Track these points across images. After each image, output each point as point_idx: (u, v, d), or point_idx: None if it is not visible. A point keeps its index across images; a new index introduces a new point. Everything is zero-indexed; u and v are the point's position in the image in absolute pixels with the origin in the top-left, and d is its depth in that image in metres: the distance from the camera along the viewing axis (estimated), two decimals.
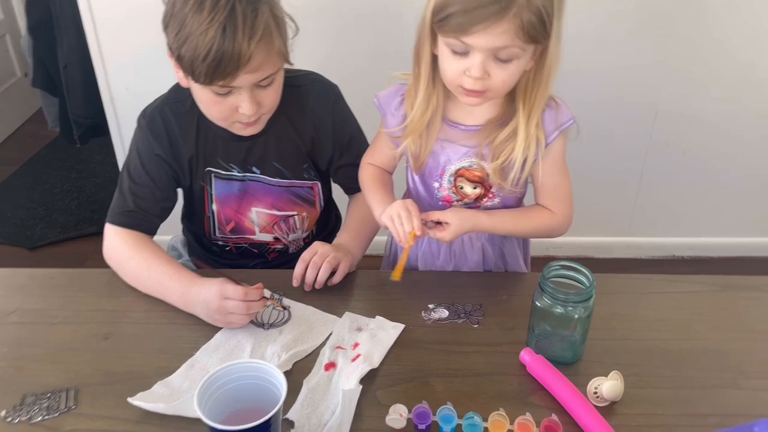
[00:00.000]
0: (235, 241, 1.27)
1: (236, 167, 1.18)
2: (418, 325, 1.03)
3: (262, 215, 1.23)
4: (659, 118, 2.07)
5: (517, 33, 0.90)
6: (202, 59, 0.95)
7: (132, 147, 1.17)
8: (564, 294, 0.90)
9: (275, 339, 1.00)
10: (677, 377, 0.94)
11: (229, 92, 1.02)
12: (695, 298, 1.09)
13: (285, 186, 1.21)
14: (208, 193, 1.21)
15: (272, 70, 1.02)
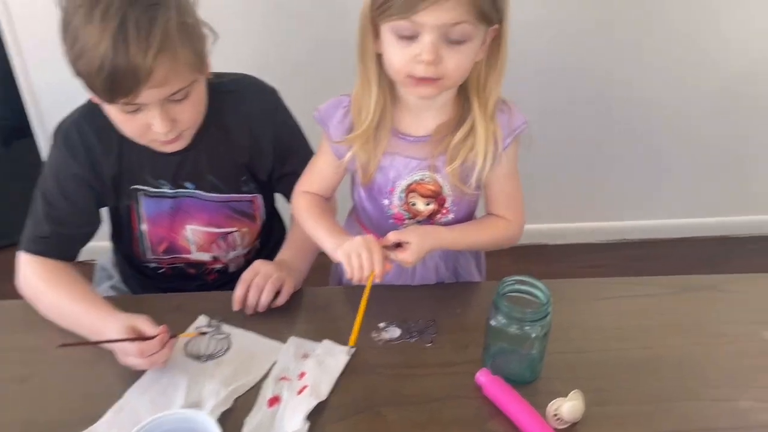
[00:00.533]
0: (170, 261, 1.18)
1: (166, 183, 1.08)
2: (368, 347, 0.97)
3: (198, 233, 1.14)
4: (609, 101, 2.04)
5: (469, 8, 0.83)
6: (96, 75, 0.85)
7: (46, 166, 1.05)
8: (520, 313, 0.85)
9: (213, 373, 0.92)
10: (639, 391, 0.90)
11: (137, 109, 0.92)
12: (653, 303, 1.05)
13: (222, 201, 1.12)
14: (136, 213, 1.11)
15: (182, 84, 0.92)
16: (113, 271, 1.27)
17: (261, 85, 1.13)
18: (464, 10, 0.83)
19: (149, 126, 0.94)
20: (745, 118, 2.12)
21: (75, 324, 0.97)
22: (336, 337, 0.97)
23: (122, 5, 0.84)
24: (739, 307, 1.04)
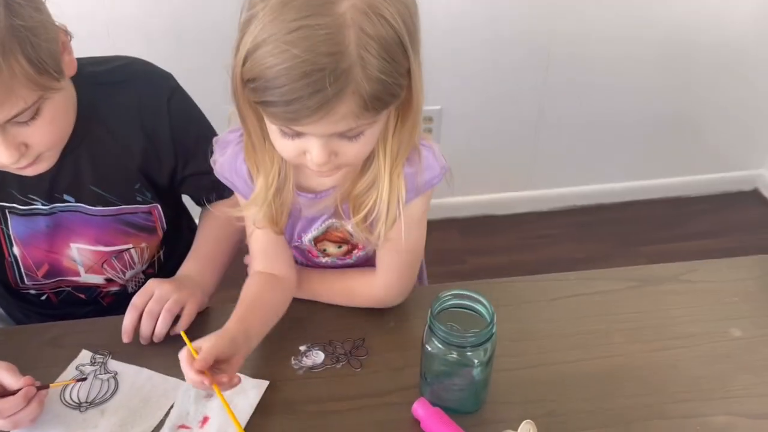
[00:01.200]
0: (53, 286, 0.99)
1: (39, 199, 0.89)
2: (286, 379, 0.82)
3: (85, 252, 0.95)
4: (552, 64, 1.93)
5: (360, 112, 0.66)
6: None
7: None
8: (458, 338, 0.71)
9: (96, 424, 0.76)
10: (598, 412, 0.78)
11: None
12: (612, 301, 0.93)
13: (112, 215, 0.93)
14: (5, 234, 0.92)
15: (23, 104, 0.72)
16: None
17: (151, 71, 0.93)
18: (356, 116, 0.66)
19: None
20: (689, 76, 2.03)
21: None
22: (247, 369, 0.81)
23: None
24: (702, 301, 0.93)
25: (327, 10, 0.62)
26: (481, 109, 1.97)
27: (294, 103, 0.63)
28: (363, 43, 0.63)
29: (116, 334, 0.85)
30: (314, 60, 0.61)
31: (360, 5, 0.63)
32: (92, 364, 0.83)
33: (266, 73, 0.63)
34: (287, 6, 0.62)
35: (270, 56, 0.62)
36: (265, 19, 0.63)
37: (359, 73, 0.63)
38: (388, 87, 0.66)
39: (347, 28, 0.62)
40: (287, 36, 0.61)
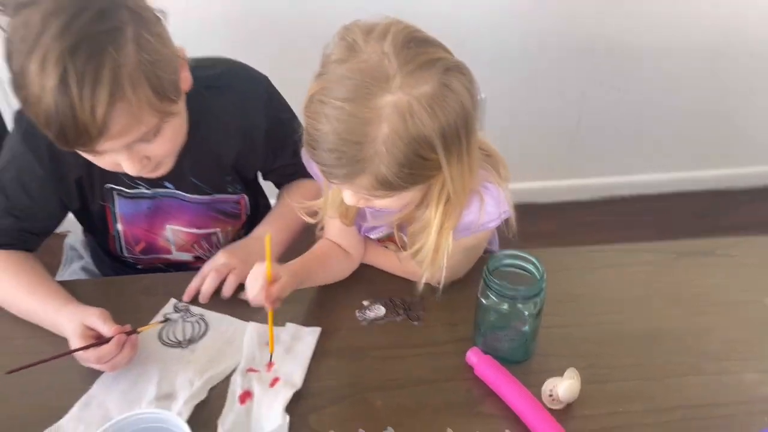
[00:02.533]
0: (148, 261, 1.09)
1: (143, 184, 0.98)
2: (351, 329, 0.91)
3: (178, 233, 1.05)
4: (596, 56, 1.97)
5: (377, 188, 0.72)
6: (45, 127, 0.75)
7: (7, 155, 0.94)
8: (511, 290, 0.79)
9: (188, 360, 0.86)
10: (637, 366, 0.86)
11: (103, 152, 0.81)
12: (652, 271, 1.00)
13: (205, 203, 1.03)
14: (112, 213, 1.01)
15: (146, 128, 0.80)
16: (84, 251, 1.19)
17: (252, 75, 1.02)
18: (372, 189, 0.73)
19: (118, 164, 0.84)
20: (735, 67, 2.05)
21: (31, 315, 0.90)
22: (319, 318, 0.91)
23: (61, 55, 0.70)
24: (739, 273, 0.99)
25: (369, 101, 0.67)
26: (523, 98, 2.02)
27: (321, 165, 0.73)
28: (390, 139, 0.68)
29: None
30: (340, 143, 0.69)
31: (400, 104, 0.67)
32: (176, 311, 0.94)
33: (309, 130, 0.72)
34: (341, 83, 0.68)
35: (314, 117, 0.70)
36: (325, 82, 0.70)
37: (377, 162, 0.69)
38: (404, 178, 0.71)
39: (380, 123, 0.67)
40: (329, 110, 0.68)
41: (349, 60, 0.69)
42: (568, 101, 2.07)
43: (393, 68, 0.68)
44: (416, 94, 0.68)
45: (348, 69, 0.68)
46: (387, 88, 0.67)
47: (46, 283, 0.92)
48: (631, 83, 2.04)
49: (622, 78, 2.02)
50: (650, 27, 1.92)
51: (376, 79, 0.67)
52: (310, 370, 0.85)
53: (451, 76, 0.70)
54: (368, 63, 0.68)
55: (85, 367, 0.84)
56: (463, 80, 0.71)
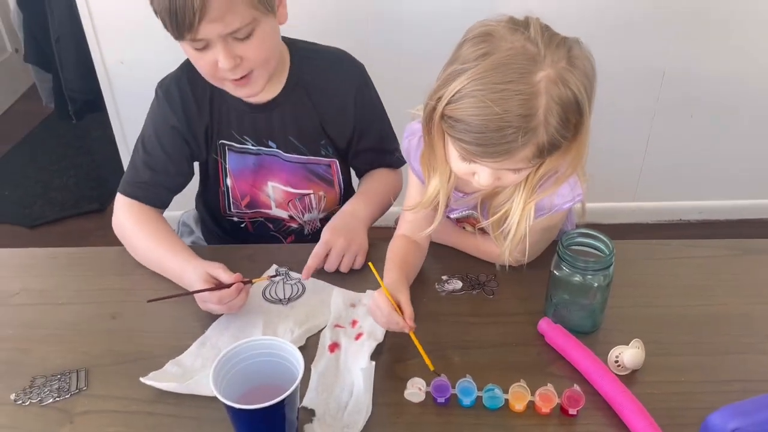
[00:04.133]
0: (251, 216, 1.24)
1: (250, 140, 1.14)
2: (432, 298, 1.01)
3: (278, 191, 1.19)
4: (666, 79, 2.03)
5: (533, 158, 0.83)
6: (161, 12, 0.93)
7: (148, 118, 1.14)
8: (583, 262, 0.88)
9: (287, 315, 0.98)
10: (698, 344, 0.92)
11: (205, 47, 0.97)
12: (714, 263, 1.06)
13: (301, 162, 1.17)
14: (222, 167, 1.17)
15: (241, 21, 0.94)
16: (195, 227, 1.35)
17: (351, 59, 1.16)
18: (527, 160, 0.83)
19: (216, 63, 0.98)
20: None
21: (159, 267, 1.05)
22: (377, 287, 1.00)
23: None
24: None
25: (526, 78, 0.78)
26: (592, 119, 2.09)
27: (484, 147, 0.80)
28: (550, 107, 0.78)
29: (294, 255, 1.08)
30: (510, 119, 0.77)
31: (553, 76, 0.78)
32: (277, 275, 1.06)
33: (468, 119, 0.79)
34: (495, 70, 0.78)
35: (474, 107, 0.78)
36: (475, 75, 0.78)
37: (542, 132, 0.79)
38: (559, 141, 0.82)
39: (540, 96, 0.78)
40: (492, 95, 0.77)
41: (493, 51, 0.79)
42: (637, 124, 2.11)
43: (540, 50, 0.79)
44: (560, 67, 0.79)
45: (499, 57, 0.79)
46: (539, 65, 0.79)
47: (176, 240, 1.07)
48: (700, 109, 2.08)
49: (691, 103, 2.07)
50: (720, 52, 1.97)
51: (529, 61, 0.79)
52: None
53: (575, 48, 0.83)
54: (517, 47, 0.79)
55: (202, 313, 0.97)
56: (583, 50, 0.84)
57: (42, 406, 0.85)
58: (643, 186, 2.27)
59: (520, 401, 0.83)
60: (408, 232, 1.05)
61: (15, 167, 2.75)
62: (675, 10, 1.89)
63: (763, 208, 2.30)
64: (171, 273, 1.03)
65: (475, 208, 1.02)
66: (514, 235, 0.93)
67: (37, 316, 1.00)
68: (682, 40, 1.95)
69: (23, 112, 3.11)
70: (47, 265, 1.12)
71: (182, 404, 0.85)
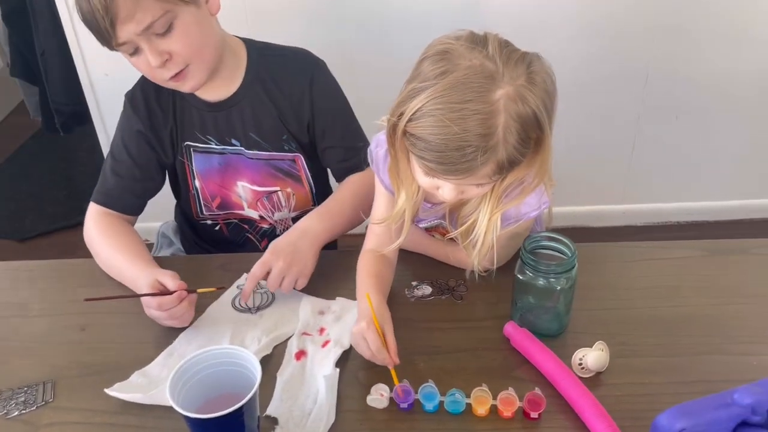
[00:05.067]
0: (224, 217, 1.25)
1: (213, 140, 1.16)
2: (401, 303, 1.01)
3: (247, 190, 1.20)
4: (651, 81, 2.03)
5: (494, 175, 0.83)
6: (88, 27, 0.97)
7: (117, 128, 1.16)
8: (545, 266, 0.88)
9: (255, 323, 0.99)
10: (664, 345, 0.92)
11: (135, 51, 0.99)
12: (683, 264, 1.06)
13: (264, 159, 1.18)
14: (190, 169, 1.19)
15: (153, 15, 0.95)
16: (174, 237, 1.36)
17: (308, 54, 1.17)
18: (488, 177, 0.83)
19: (150, 64, 0.99)
20: None
21: (118, 274, 1.06)
22: (350, 296, 1.02)
23: None
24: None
25: (484, 97, 0.77)
26: (577, 122, 2.09)
27: (445, 165, 0.80)
28: (508, 125, 0.78)
29: None
30: (469, 138, 0.77)
31: (512, 94, 0.78)
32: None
33: (428, 138, 0.79)
34: (454, 89, 0.77)
35: (434, 126, 0.78)
36: (434, 94, 0.78)
37: (501, 149, 0.79)
38: (519, 158, 0.82)
39: (498, 114, 0.78)
40: (451, 114, 0.77)
41: (453, 69, 0.79)
42: (623, 126, 2.11)
43: (498, 67, 0.79)
44: (519, 84, 0.79)
45: (457, 76, 0.78)
46: (498, 84, 0.78)
47: (137, 248, 1.08)
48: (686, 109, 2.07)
49: (676, 104, 2.06)
50: (705, 54, 1.97)
51: (487, 79, 0.78)
52: None
53: (534, 64, 0.82)
54: (475, 66, 0.79)
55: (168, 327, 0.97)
56: (544, 65, 0.84)
57: (8, 419, 0.86)
58: (631, 188, 2.27)
59: (483, 405, 0.83)
60: (376, 246, 1.03)
61: (7, 181, 2.76)
62: (658, 12, 1.89)
63: (751, 209, 2.30)
64: (128, 281, 1.03)
65: (444, 217, 1.03)
66: (482, 245, 0.93)
67: (7, 329, 1.00)
68: (665, 42, 1.95)
69: (14, 126, 3.13)
70: (21, 279, 1.13)
71: (146, 415, 0.85)
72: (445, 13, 1.83)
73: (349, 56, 1.87)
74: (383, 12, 1.87)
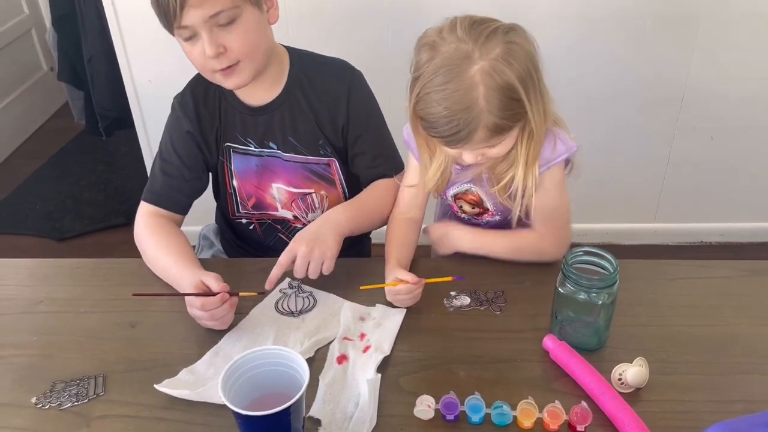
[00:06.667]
0: (258, 217, 1.28)
1: (252, 142, 1.20)
2: (439, 313, 1.03)
3: (282, 191, 1.24)
4: (687, 101, 2.03)
5: (490, 138, 0.94)
6: (153, 6, 1.00)
7: (165, 130, 1.20)
8: (587, 280, 0.89)
9: (298, 326, 1.01)
10: (704, 363, 0.92)
11: (192, 36, 1.03)
12: (724, 284, 1.07)
13: (300, 162, 1.21)
14: (229, 169, 1.23)
15: (222, 5, 1.00)
16: (215, 239, 1.39)
17: (347, 65, 1.21)
18: (486, 140, 0.95)
19: (204, 53, 1.03)
20: None
21: (164, 274, 1.09)
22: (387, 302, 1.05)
23: None
24: None
25: (462, 75, 0.91)
26: (612, 139, 2.10)
27: (444, 138, 0.95)
28: (488, 94, 0.90)
29: None
30: (453, 113, 0.91)
31: (486, 68, 0.90)
32: (290, 288, 1.09)
33: (428, 117, 0.94)
34: (437, 73, 0.92)
35: (429, 107, 0.93)
36: (425, 80, 0.93)
37: (486, 115, 0.91)
38: (508, 118, 0.93)
39: (476, 87, 0.90)
40: (437, 95, 0.92)
41: (436, 56, 0.93)
42: (657, 146, 2.11)
43: (470, 46, 0.91)
44: (493, 56, 0.91)
45: (438, 62, 0.92)
46: (472, 61, 0.91)
47: (183, 249, 1.10)
48: (721, 132, 2.07)
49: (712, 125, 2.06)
50: (740, 76, 1.97)
51: (462, 59, 0.91)
52: (401, 343, 0.97)
53: (511, 34, 0.94)
54: (451, 50, 0.92)
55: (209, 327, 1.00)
56: (521, 33, 0.95)
57: (61, 410, 0.89)
58: (664, 207, 2.26)
59: (529, 418, 0.84)
60: (406, 210, 1.17)
61: (47, 182, 2.84)
62: (695, 31, 1.90)
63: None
64: (172, 280, 1.07)
65: (473, 181, 1.09)
66: (525, 195, 1.04)
67: (60, 324, 1.04)
68: (701, 62, 1.95)
69: (56, 129, 3.22)
70: (71, 275, 1.17)
71: (194, 411, 0.88)
72: None
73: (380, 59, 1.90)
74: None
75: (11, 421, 0.88)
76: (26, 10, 3.12)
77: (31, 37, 3.17)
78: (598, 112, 2.03)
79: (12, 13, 3.04)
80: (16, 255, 1.49)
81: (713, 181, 2.18)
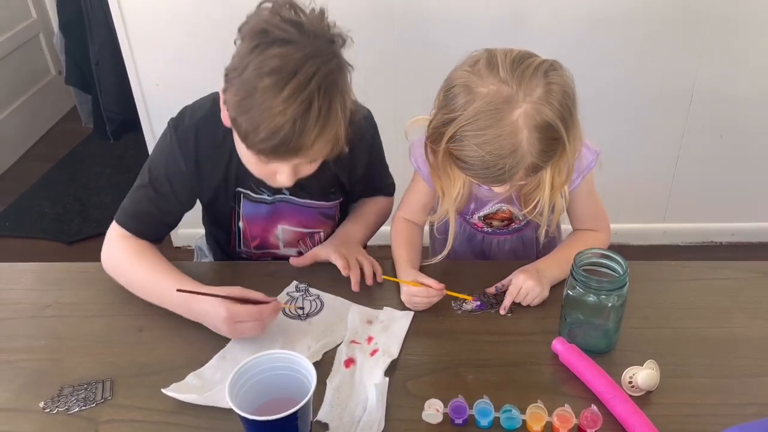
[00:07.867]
0: (259, 255, 1.25)
1: (266, 192, 1.15)
2: (448, 316, 1.03)
3: (288, 232, 1.21)
4: (695, 101, 2.01)
5: (528, 177, 0.94)
6: (262, 139, 0.88)
7: (158, 151, 1.10)
8: (597, 282, 0.88)
9: (306, 330, 1.01)
10: (715, 366, 0.91)
11: (282, 163, 0.96)
12: (734, 285, 1.05)
13: (313, 207, 1.19)
14: (236, 212, 1.18)
15: (323, 157, 0.98)
16: (208, 252, 1.36)
17: (366, 115, 1.14)
18: (523, 179, 0.94)
19: (274, 173, 0.98)
20: None
21: (159, 299, 1.04)
22: (398, 308, 1.05)
23: (312, 90, 0.86)
24: None
25: (505, 120, 0.87)
26: (621, 139, 2.08)
27: (483, 179, 0.95)
28: (531, 138, 0.88)
29: (314, 273, 1.12)
30: (497, 160, 0.88)
31: (530, 111, 0.87)
32: (297, 291, 1.09)
33: (466, 159, 0.91)
34: (477, 117, 0.88)
35: (468, 150, 0.90)
36: (463, 121, 0.89)
37: (528, 158, 0.89)
38: (547, 158, 0.92)
39: (520, 132, 0.87)
40: (478, 139, 0.88)
41: (475, 99, 0.89)
42: (667, 146, 2.10)
43: (513, 89, 0.88)
44: (535, 98, 0.88)
45: (479, 105, 0.88)
46: (515, 104, 0.87)
47: (174, 274, 1.04)
48: (731, 130, 2.06)
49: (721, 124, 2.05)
50: (750, 73, 1.95)
51: (503, 102, 0.88)
52: (409, 346, 0.97)
53: (551, 73, 0.89)
54: (492, 93, 0.88)
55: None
56: (560, 72, 0.91)
57: (69, 414, 0.89)
58: (673, 207, 2.25)
59: (538, 422, 0.83)
60: (409, 216, 1.19)
61: (55, 185, 2.85)
62: (703, 29, 1.88)
63: None
64: (175, 305, 1.02)
65: (507, 200, 1.12)
66: (554, 213, 1.06)
67: (67, 328, 1.04)
68: (710, 61, 1.94)
69: (65, 132, 3.23)
70: (79, 279, 1.17)
71: (201, 415, 0.87)
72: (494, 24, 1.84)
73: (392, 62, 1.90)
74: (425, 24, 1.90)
75: (19, 426, 0.88)
76: (34, 14, 3.13)
77: (39, 41, 3.18)
78: (608, 112, 2.01)
79: (20, 17, 3.05)
80: (25, 257, 1.49)
81: (723, 180, 2.16)
